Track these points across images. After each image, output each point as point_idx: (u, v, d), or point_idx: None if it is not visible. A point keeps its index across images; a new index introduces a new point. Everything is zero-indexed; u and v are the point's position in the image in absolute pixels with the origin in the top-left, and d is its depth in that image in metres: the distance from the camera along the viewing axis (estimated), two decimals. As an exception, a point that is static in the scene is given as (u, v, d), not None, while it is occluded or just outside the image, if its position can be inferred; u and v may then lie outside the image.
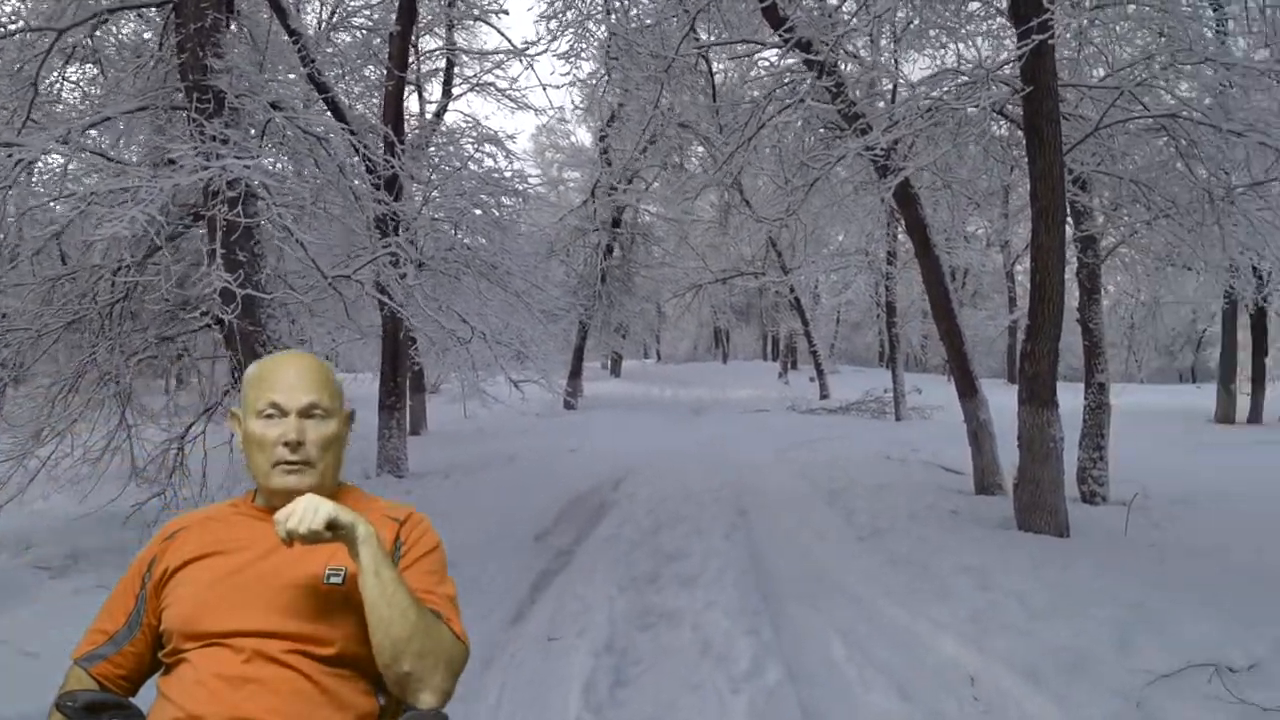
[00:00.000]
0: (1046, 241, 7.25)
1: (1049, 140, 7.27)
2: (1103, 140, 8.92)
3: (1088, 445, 10.20)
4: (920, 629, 5.19)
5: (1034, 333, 7.43)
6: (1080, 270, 10.24)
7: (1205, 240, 9.67)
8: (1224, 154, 8.42)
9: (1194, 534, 8.34)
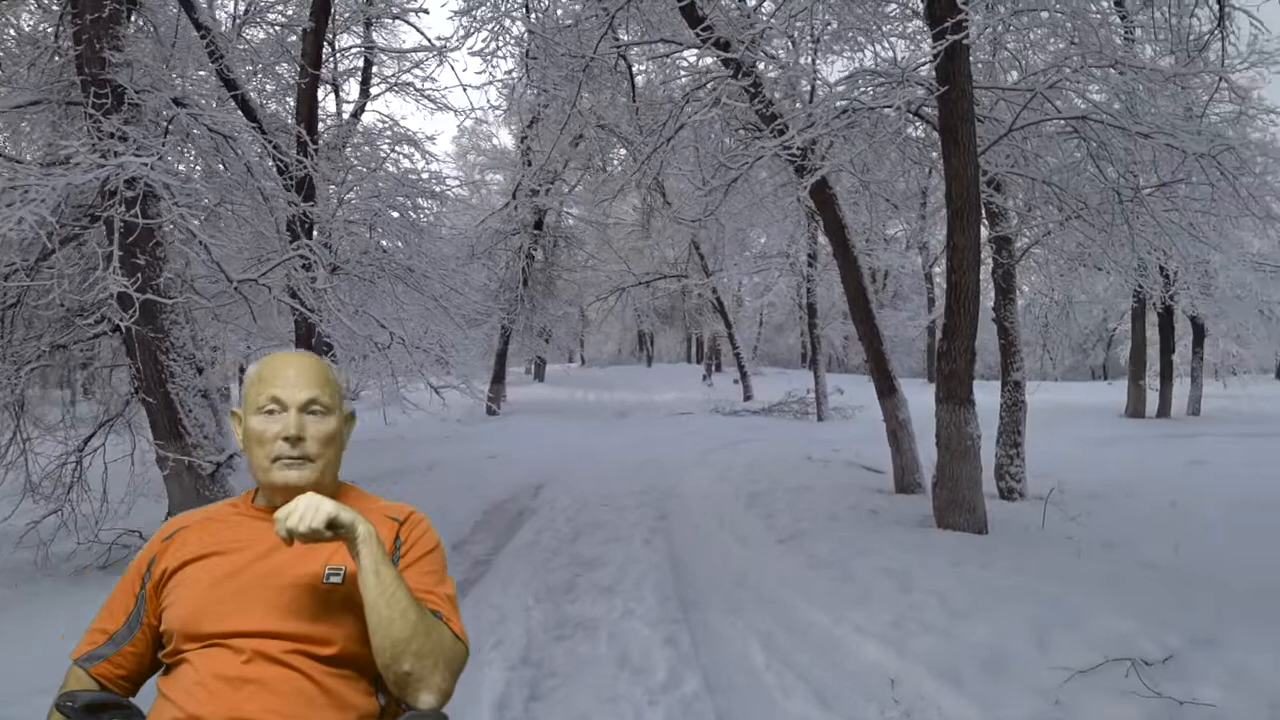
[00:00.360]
0: (961, 241, 7.28)
1: (963, 141, 7.31)
2: (1016, 143, 9.03)
3: (1005, 442, 10.33)
4: (841, 632, 5.14)
5: (950, 332, 7.46)
6: (996, 270, 10.37)
7: (1115, 240, 9.85)
8: (1132, 156, 8.59)
9: (1108, 528, 8.48)
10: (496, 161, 31.85)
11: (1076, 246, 11.35)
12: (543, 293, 27.53)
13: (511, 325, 26.03)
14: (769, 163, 10.09)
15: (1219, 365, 25.89)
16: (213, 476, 8.16)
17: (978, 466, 7.94)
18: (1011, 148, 9.19)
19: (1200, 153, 7.82)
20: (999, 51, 10.01)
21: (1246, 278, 18.95)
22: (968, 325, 7.37)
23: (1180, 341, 24.68)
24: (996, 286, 10.43)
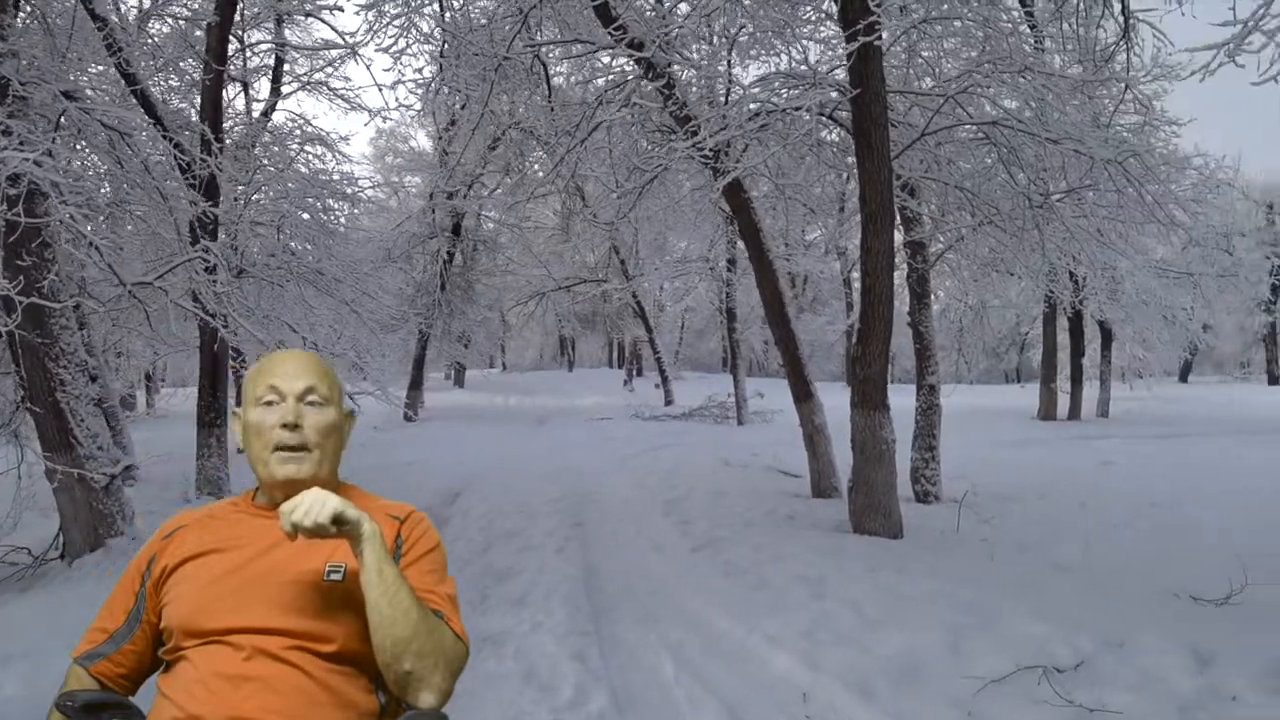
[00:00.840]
0: (875, 245, 7.26)
1: (877, 145, 7.29)
2: (930, 148, 9.08)
3: (920, 446, 10.39)
4: (753, 644, 5.03)
5: (865, 336, 7.43)
6: (910, 275, 10.42)
7: (1026, 245, 9.98)
8: (1042, 162, 8.69)
9: (1021, 529, 8.55)
10: (414, 164, 31.33)
11: (989, 252, 11.49)
12: (461, 297, 27.16)
13: (429, 330, 25.61)
14: (685, 166, 10.01)
15: (1126, 368, 26.58)
16: (107, 490, 7.78)
17: (893, 471, 7.94)
18: (925, 153, 9.24)
19: (1107, 159, 7.93)
20: (914, 59, 10.08)
21: (1151, 283, 19.49)
22: (882, 329, 7.35)
23: (1089, 345, 25.32)
24: (911, 291, 10.49)
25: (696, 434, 19.84)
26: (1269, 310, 39.81)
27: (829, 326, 36.10)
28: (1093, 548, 7.69)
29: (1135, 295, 20.02)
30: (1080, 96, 9.10)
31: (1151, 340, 24.11)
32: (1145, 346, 25.25)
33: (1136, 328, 23.01)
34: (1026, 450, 16.45)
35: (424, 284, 25.47)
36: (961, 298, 19.72)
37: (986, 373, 50.12)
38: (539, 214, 30.88)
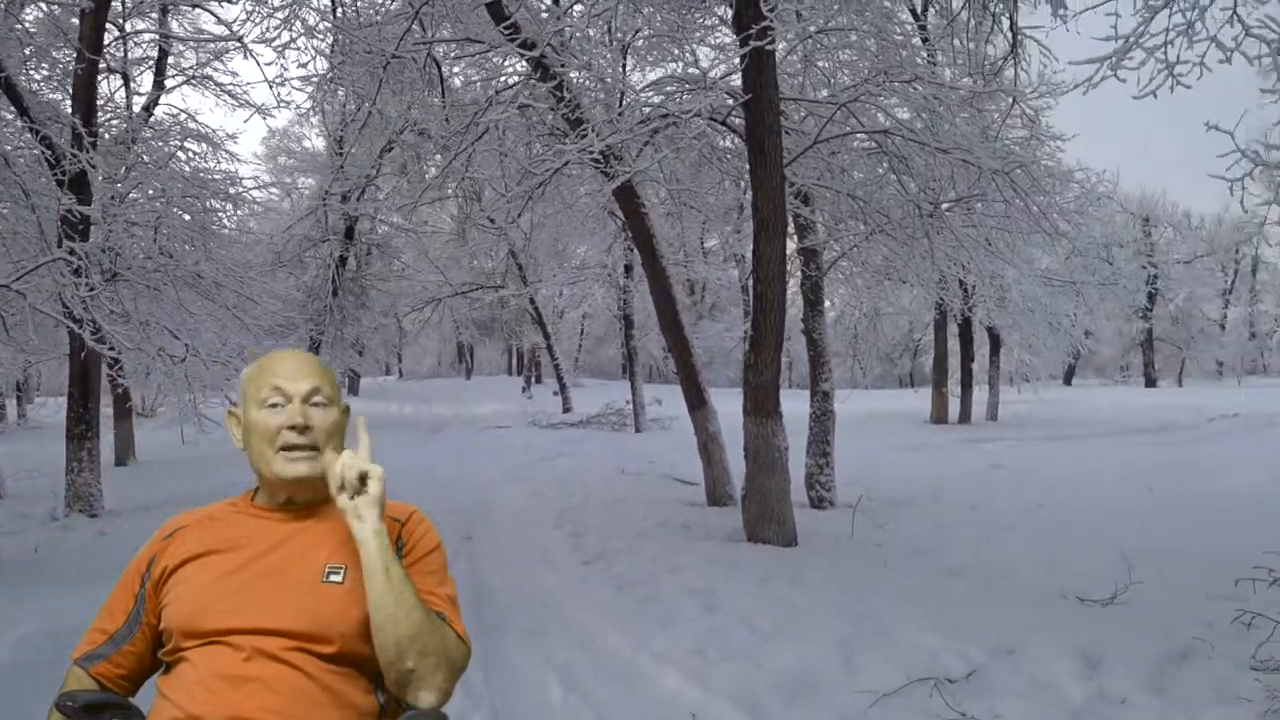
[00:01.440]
0: (768, 252, 7.20)
1: (769, 152, 7.24)
2: (823, 156, 9.10)
3: (814, 452, 10.41)
4: (642, 662, 4.87)
5: (757, 343, 7.36)
6: (805, 283, 10.45)
7: (917, 254, 10.09)
8: (932, 171, 8.77)
9: (914, 534, 8.63)
10: (306, 165, 30.48)
11: (882, 260, 11.60)
12: (355, 303, 26.44)
13: (321, 337, 24.88)
14: (580, 170, 9.85)
15: (1014, 373, 27.32)
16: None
17: (786, 478, 7.90)
18: (819, 161, 9.27)
19: (995, 169, 8.04)
20: (810, 70, 10.13)
21: (1037, 291, 20.05)
22: (774, 336, 7.29)
23: (979, 351, 25.97)
24: (805, 298, 10.52)
25: (594, 442, 19.68)
26: (1145, 317, 41.61)
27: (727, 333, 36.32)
28: (983, 551, 7.77)
29: (1022, 303, 20.57)
30: (970, 109, 9.24)
31: (1037, 345, 24.85)
32: (1031, 351, 26.02)
33: (1023, 334, 23.68)
34: (919, 454, 16.71)
35: (315, 289, 24.73)
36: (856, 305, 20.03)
37: (881, 378, 51.24)
38: (436, 218, 30.36)
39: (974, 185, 8.57)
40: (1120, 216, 39.96)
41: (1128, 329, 43.11)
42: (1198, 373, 50.02)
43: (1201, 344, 47.44)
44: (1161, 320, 44.53)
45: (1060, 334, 23.87)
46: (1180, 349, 47.22)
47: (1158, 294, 43.22)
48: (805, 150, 8.42)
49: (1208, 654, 4.88)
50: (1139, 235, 42.93)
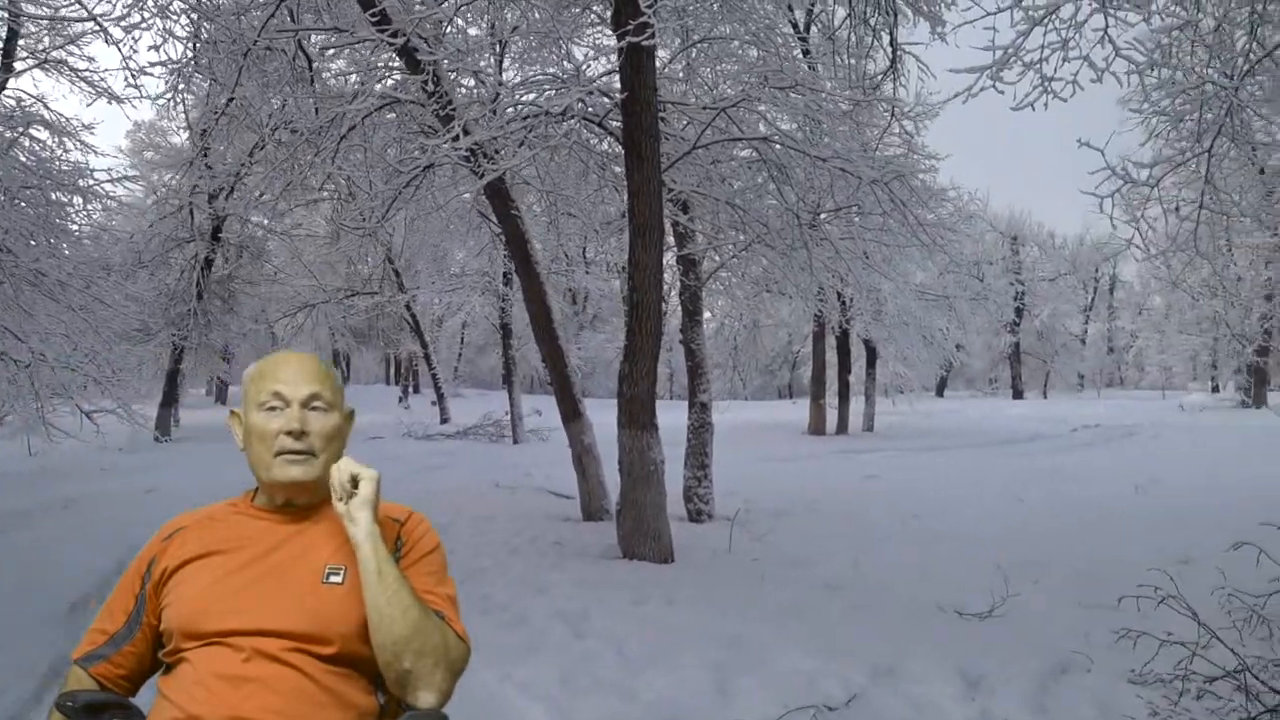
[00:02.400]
0: (644, 259, 6.95)
1: (647, 156, 7.01)
2: (704, 164, 8.92)
3: (692, 464, 10.25)
4: (507, 694, 4.53)
5: (632, 353, 7.08)
6: (683, 292, 10.28)
7: (795, 265, 10.03)
8: (812, 180, 8.69)
9: (792, 546, 8.53)
10: (173, 160, 29.02)
11: (762, 272, 11.54)
12: (221, 307, 25.29)
13: (184, 342, 23.67)
14: (454, 171, 9.46)
15: (889, 384, 27.87)
16: None
17: (662, 492, 7.66)
18: (698, 168, 9.09)
19: (873, 179, 7.98)
20: (693, 79, 10.01)
21: (912, 305, 20.52)
22: (650, 346, 7.03)
23: (856, 363, 26.39)
24: (684, 309, 10.35)
25: (470, 454, 19.16)
26: (1013, 332, 43.32)
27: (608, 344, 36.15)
28: (861, 562, 7.72)
29: (897, 316, 21.00)
30: (849, 123, 9.24)
31: (912, 358, 25.42)
32: (906, 364, 26.62)
33: (898, 346, 24.17)
34: (797, 465, 16.77)
35: (179, 292, 23.52)
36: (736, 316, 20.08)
37: (761, 389, 51.89)
38: (310, 221, 29.30)
39: (852, 195, 8.51)
40: (990, 235, 41.42)
41: (996, 343, 44.64)
42: (1061, 385, 52.09)
43: (1064, 358, 49.46)
44: (1028, 335, 46.26)
45: (933, 347, 24.44)
46: (1045, 362, 49.13)
47: (1024, 310, 44.91)
48: (684, 155, 8.22)
49: (1087, 667, 4.87)
50: (1008, 254, 44.56)
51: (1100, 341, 53.78)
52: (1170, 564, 7.57)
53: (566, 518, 9.94)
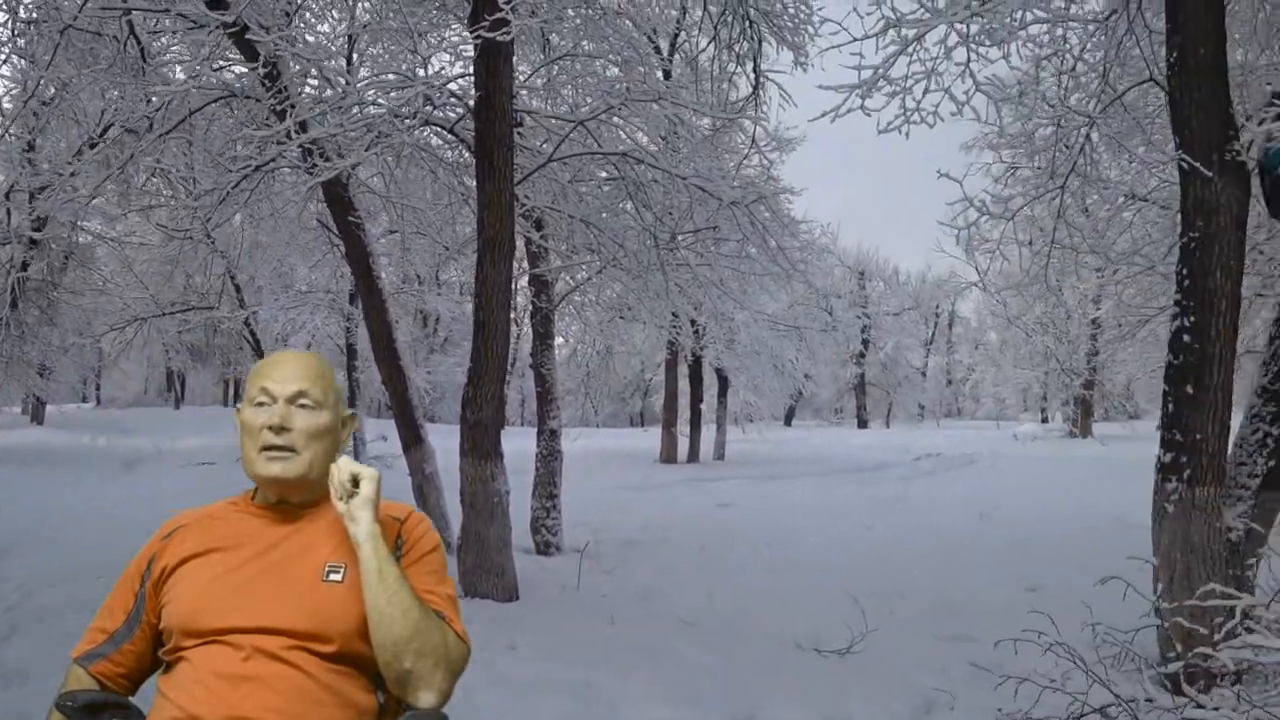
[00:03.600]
0: (493, 275, 6.51)
1: (500, 166, 6.61)
2: (558, 177, 8.56)
3: (541, 494, 9.87)
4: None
5: (476, 377, 6.58)
6: (534, 315, 9.90)
7: (651, 290, 9.81)
8: (670, 199, 8.45)
9: (644, 579, 8.31)
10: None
11: (616, 296, 11.29)
12: (40, 318, 23.45)
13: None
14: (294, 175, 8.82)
15: (739, 413, 28.06)
16: None
17: (507, 525, 7.20)
18: (554, 184, 8.73)
19: (734, 200, 7.79)
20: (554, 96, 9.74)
21: (764, 335, 20.70)
22: (495, 370, 6.56)
23: (708, 391, 26.45)
24: (535, 332, 9.97)
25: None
26: (859, 363, 44.61)
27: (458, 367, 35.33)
28: (714, 595, 7.52)
29: (750, 345, 21.17)
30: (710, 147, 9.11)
31: (763, 387, 25.70)
32: (757, 393, 26.89)
33: (750, 375, 24.39)
34: (649, 493, 16.55)
35: (-13, 300, 21.66)
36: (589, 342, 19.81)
37: (613, 416, 51.80)
38: (144, 228, 27.51)
39: (712, 217, 8.31)
40: (839, 269, 42.57)
41: (843, 373, 45.84)
42: (903, 415, 53.81)
43: (906, 389, 51.13)
44: (873, 366, 47.65)
45: (784, 376, 24.76)
46: (888, 393, 50.73)
47: (870, 342, 46.26)
48: (539, 168, 7.84)
49: (950, 705, 4.77)
50: (855, 288, 45.89)
51: (940, 374, 55.93)
52: (1018, 593, 7.69)
53: (406, 551, 9.37)
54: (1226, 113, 5.16)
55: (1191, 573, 4.93)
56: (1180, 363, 5.14)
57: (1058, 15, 7.22)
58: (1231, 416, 5.15)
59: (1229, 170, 5.06)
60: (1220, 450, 5.08)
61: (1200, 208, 5.12)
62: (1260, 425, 5.44)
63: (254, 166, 7.29)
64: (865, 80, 5.71)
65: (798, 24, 10.10)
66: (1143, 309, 11.98)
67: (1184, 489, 5.03)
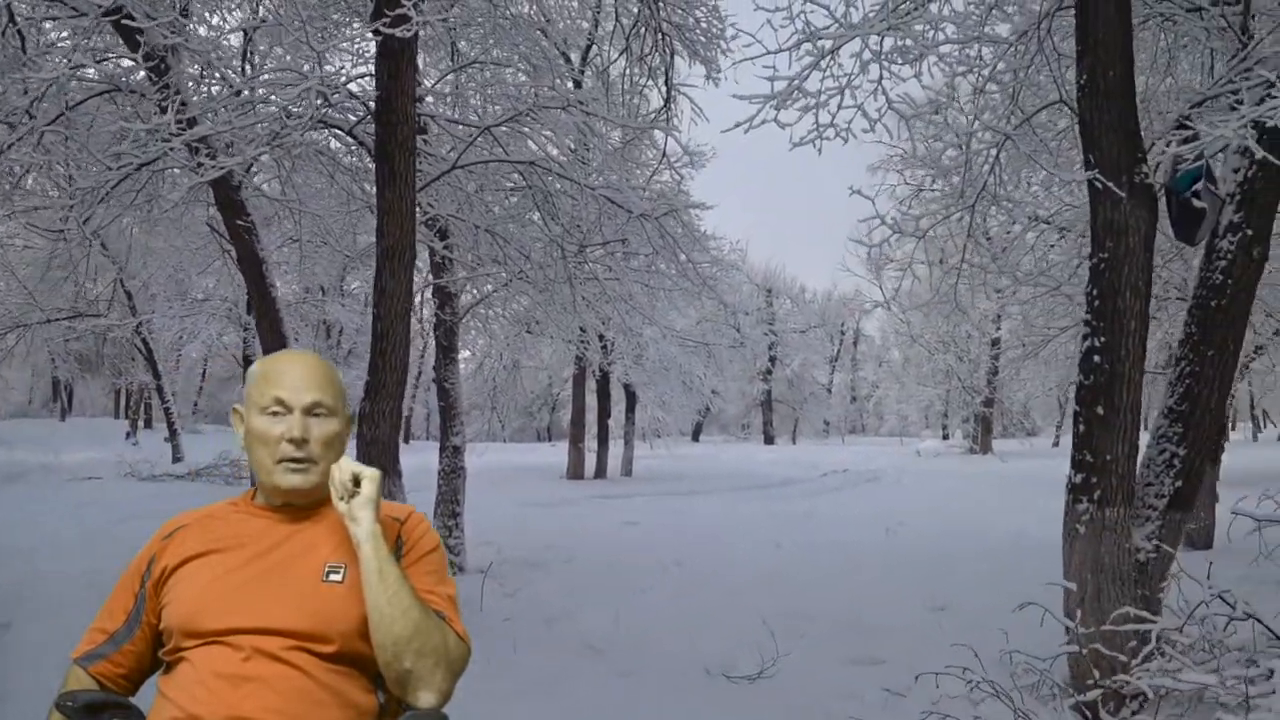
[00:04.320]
0: (392, 285, 6.18)
1: (401, 171, 6.30)
2: (463, 185, 8.27)
3: (443, 512, 9.58)
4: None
5: (374, 390, 6.23)
6: (438, 327, 9.58)
7: (558, 303, 9.59)
8: (579, 209, 8.23)
9: (548, 599, 8.10)
10: None
11: (524, 310, 11.06)
12: (-90, 324, 22.15)
13: None
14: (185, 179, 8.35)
15: (647, 428, 27.98)
16: None
17: (406, 547, 6.87)
18: (459, 192, 8.44)
19: (643, 213, 7.62)
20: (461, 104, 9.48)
21: (672, 350, 20.65)
22: (394, 383, 6.22)
23: (615, 407, 26.31)
24: (439, 345, 9.65)
25: (199, 498, 17.39)
26: (766, 380, 45.02)
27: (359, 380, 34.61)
28: (622, 617, 7.31)
29: (658, 361, 21.12)
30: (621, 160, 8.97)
31: (671, 403, 25.65)
32: (665, 409, 26.83)
33: (658, 391, 24.35)
34: (555, 511, 16.29)
35: None
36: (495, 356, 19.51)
37: (520, 431, 51.36)
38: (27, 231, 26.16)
39: (621, 230, 8.12)
40: (747, 287, 42.96)
41: (750, 390, 46.24)
42: (809, 431, 54.51)
43: (812, 405, 51.80)
44: (779, 383, 48.16)
45: (692, 392, 24.73)
46: (794, 409, 51.31)
47: (777, 359, 46.74)
48: (443, 174, 7.54)
49: None
50: (763, 305, 46.34)
51: (845, 390, 56.94)
52: (927, 612, 7.67)
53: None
54: (1135, 135, 5.18)
55: (1102, 594, 4.89)
56: (1091, 383, 5.11)
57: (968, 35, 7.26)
58: (1139, 437, 5.16)
59: (1138, 192, 5.07)
60: (1130, 471, 5.07)
61: (1110, 228, 5.11)
62: (1167, 446, 5.45)
63: (137, 164, 6.84)
64: (779, 91, 5.60)
65: (710, 38, 10.04)
66: (1045, 329, 12.20)
67: (1094, 510, 4.99)
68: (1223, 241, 5.51)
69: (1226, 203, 5.55)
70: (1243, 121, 4.64)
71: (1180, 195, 5.49)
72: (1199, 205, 5.42)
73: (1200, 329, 5.51)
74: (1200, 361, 5.47)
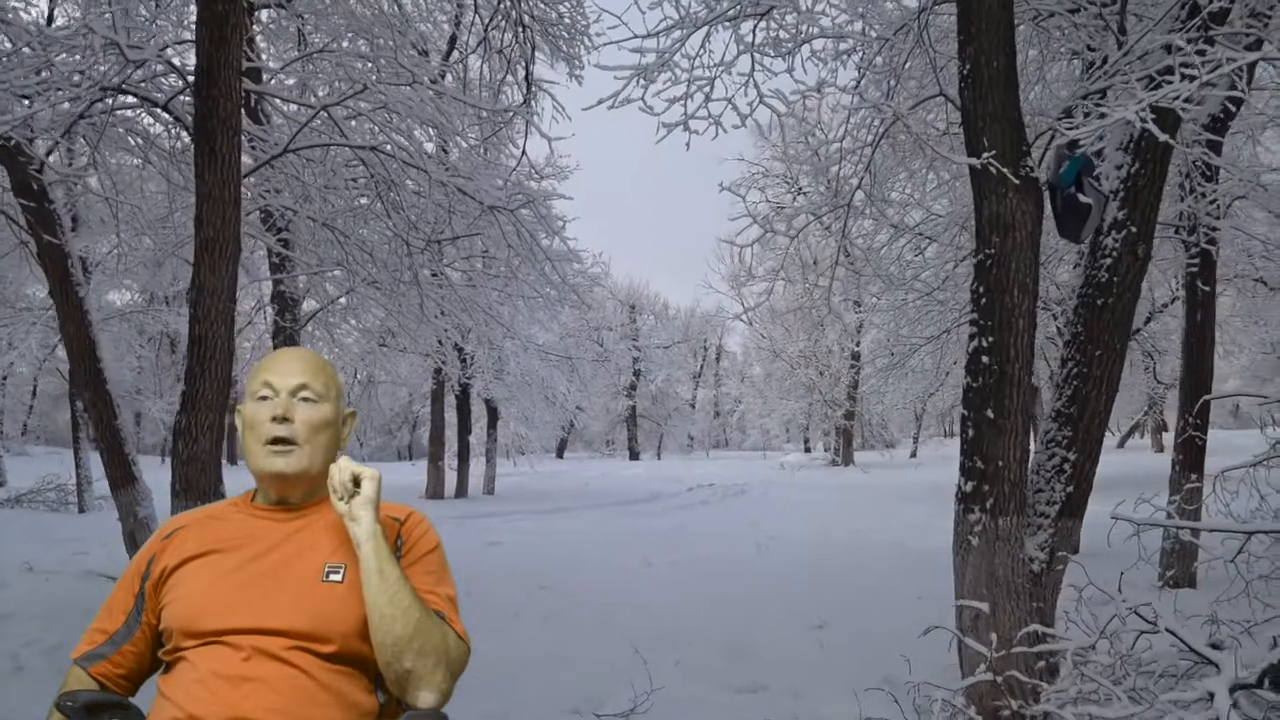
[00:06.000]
0: (212, 282, 5.38)
1: (223, 153, 5.54)
2: (297, 172, 7.51)
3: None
4: None
5: (192, 402, 5.35)
6: (278, 335, 8.78)
7: (409, 310, 8.91)
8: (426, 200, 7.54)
9: None
10: None
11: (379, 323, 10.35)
12: None
13: None
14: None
15: (510, 445, 27.34)
16: None
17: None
18: (296, 182, 7.67)
19: (495, 204, 7.03)
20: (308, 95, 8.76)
21: (534, 364, 20.21)
22: (215, 394, 5.38)
23: (477, 423, 25.57)
24: (278, 353, 8.84)
25: (15, 525, 15.80)
26: (630, 395, 44.96)
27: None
28: (483, 651, 6.51)
29: (520, 375, 20.67)
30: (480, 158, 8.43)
31: (534, 419, 25.11)
32: (528, 424, 26.26)
33: (520, 406, 23.83)
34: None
35: None
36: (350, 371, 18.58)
37: (380, 449, 49.74)
38: None
39: (474, 224, 7.51)
40: (610, 302, 42.79)
41: (615, 405, 46.09)
42: (673, 446, 54.61)
43: (676, 420, 51.97)
44: (644, 398, 48.15)
45: (555, 408, 24.26)
46: (659, 425, 51.36)
47: (641, 374, 46.67)
48: (273, 159, 6.78)
49: None
50: (626, 321, 46.25)
51: (708, 406, 57.37)
52: (807, 630, 7.31)
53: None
54: (1020, 127, 4.91)
55: (998, 608, 4.56)
56: (980, 385, 4.79)
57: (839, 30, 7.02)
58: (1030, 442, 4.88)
59: (1023, 186, 4.79)
60: (1021, 477, 4.76)
61: (996, 223, 4.81)
62: (1056, 450, 5.19)
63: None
64: (647, 64, 5.16)
65: (574, 34, 9.63)
66: (910, 339, 12.14)
67: (987, 519, 4.66)
68: (1108, 239, 5.29)
69: (1110, 199, 5.36)
70: (1141, 105, 4.40)
71: (1064, 191, 5.27)
72: (1084, 200, 5.21)
73: (1086, 328, 5.28)
74: (1088, 362, 5.22)
